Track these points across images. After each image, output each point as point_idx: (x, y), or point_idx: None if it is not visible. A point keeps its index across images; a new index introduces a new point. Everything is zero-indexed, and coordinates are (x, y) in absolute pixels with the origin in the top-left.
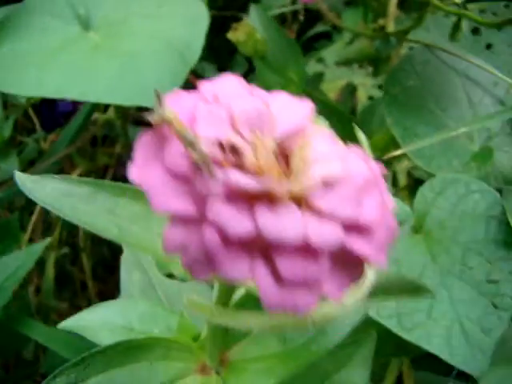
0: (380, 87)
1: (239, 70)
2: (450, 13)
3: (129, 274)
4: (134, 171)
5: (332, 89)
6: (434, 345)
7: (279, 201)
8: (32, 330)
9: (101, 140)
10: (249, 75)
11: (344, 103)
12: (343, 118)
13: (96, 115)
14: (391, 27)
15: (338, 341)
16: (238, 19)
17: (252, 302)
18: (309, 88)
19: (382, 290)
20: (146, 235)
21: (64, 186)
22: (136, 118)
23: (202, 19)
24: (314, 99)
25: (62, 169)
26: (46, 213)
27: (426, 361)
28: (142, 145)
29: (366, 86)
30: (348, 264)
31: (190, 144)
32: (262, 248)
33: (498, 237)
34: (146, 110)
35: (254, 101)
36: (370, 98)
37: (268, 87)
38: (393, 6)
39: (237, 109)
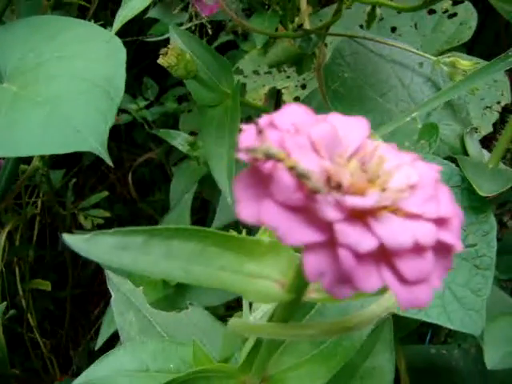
0: (303, 87)
1: (151, 94)
2: (364, 2)
3: (122, 316)
4: (247, 211)
5: (256, 97)
6: (433, 315)
7: (380, 212)
8: None
9: (24, 190)
10: (161, 97)
11: (273, 108)
12: None
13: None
14: (307, 24)
15: (369, 330)
16: (138, 44)
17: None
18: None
19: None
20: (208, 271)
21: (117, 240)
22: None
23: (119, 52)
24: (252, 108)
25: None
26: None
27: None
28: (243, 184)
29: (289, 88)
30: (441, 256)
31: (303, 176)
32: (383, 257)
33: (464, 204)
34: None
35: (326, 125)
36: (296, 98)
37: (205, 105)
38: (304, 3)
39: (315, 136)
